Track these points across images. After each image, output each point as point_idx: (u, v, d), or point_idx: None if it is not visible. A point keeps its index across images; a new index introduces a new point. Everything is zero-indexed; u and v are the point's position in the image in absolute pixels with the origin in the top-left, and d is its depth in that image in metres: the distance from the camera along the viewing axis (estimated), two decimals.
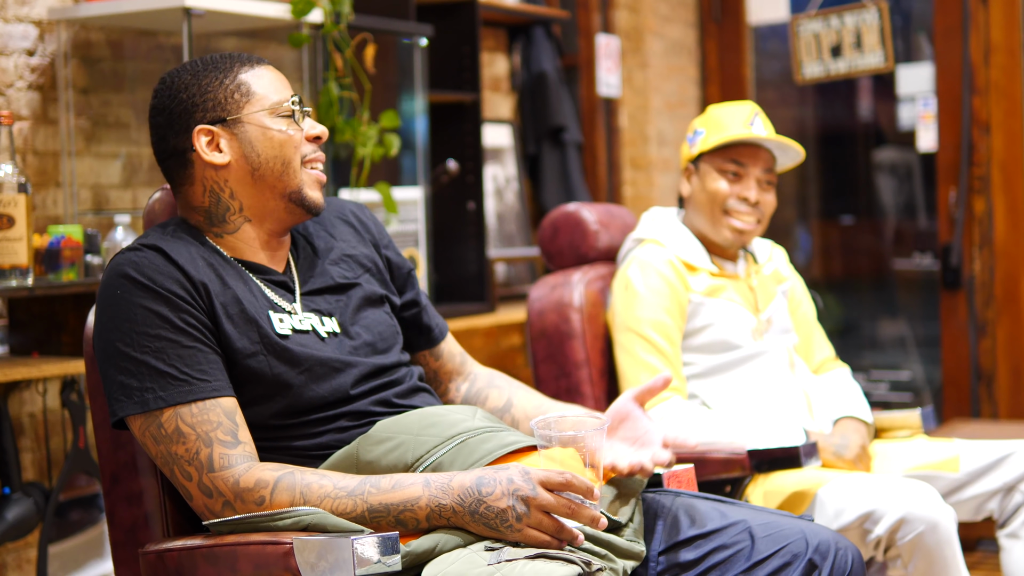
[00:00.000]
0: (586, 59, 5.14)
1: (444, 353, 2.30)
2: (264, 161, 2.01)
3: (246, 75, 2.02)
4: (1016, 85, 4.66)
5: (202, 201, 2.03)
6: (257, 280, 2.02)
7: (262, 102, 2.01)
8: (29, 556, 3.25)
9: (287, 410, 1.96)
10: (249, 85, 2.01)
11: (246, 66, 2.03)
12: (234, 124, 2.00)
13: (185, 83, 2.01)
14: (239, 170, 2.01)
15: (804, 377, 2.98)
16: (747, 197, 2.91)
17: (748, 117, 2.92)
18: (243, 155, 2.00)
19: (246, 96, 2.01)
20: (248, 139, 2.00)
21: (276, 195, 2.03)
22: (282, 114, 2.02)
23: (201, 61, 2.04)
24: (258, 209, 2.03)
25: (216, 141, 2.00)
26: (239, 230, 2.04)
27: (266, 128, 2.01)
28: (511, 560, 1.74)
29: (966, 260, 4.72)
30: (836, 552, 1.97)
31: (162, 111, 2.02)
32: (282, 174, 2.02)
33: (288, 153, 2.02)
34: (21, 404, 3.23)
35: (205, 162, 2.00)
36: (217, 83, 2.00)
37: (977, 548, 4.40)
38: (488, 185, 4.68)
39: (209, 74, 2.01)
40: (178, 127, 2.01)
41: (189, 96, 2.00)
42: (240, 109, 2.00)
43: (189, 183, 2.03)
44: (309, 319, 2.03)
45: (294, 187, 2.03)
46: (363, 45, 3.68)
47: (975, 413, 4.70)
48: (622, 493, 2.00)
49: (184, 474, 1.87)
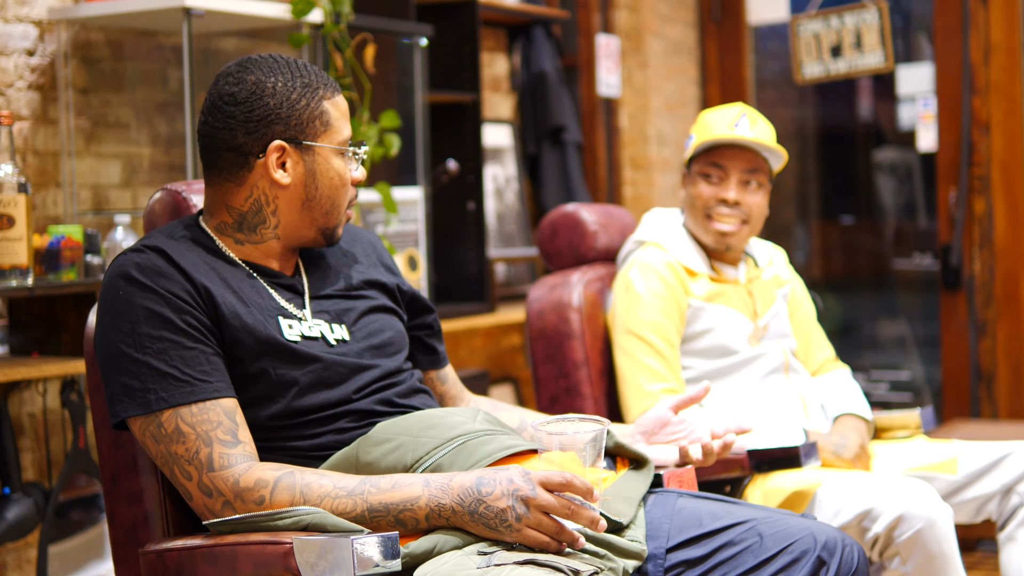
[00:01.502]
0: (586, 59, 5.14)
1: (449, 378, 2.33)
2: (320, 195, 2.02)
3: (328, 103, 2.01)
4: (1016, 85, 4.66)
5: (242, 204, 2.02)
6: (265, 283, 2.03)
7: (334, 136, 2.02)
8: (29, 556, 3.25)
9: (288, 411, 1.96)
10: (330, 115, 2.01)
11: (329, 91, 2.02)
12: (307, 150, 2.00)
13: (275, 88, 1.98)
14: (294, 194, 2.01)
15: (800, 381, 2.98)
16: (726, 198, 2.91)
17: (734, 119, 2.92)
18: (303, 183, 2.01)
19: (325, 126, 2.01)
20: (314, 170, 2.01)
21: (315, 226, 2.04)
22: (344, 153, 2.04)
23: (290, 67, 2.00)
24: (291, 231, 2.04)
25: (284, 160, 1.99)
26: (264, 243, 2.04)
27: (330, 164, 2.02)
28: (500, 565, 1.74)
29: (966, 260, 4.72)
30: (843, 549, 1.97)
31: (241, 104, 1.98)
32: (328, 211, 2.04)
33: (339, 195, 2.04)
34: (21, 404, 3.23)
35: (267, 175, 1.99)
36: (305, 103, 1.99)
37: (976, 549, 4.40)
38: (488, 185, 4.68)
39: (299, 89, 1.99)
40: (253, 129, 1.98)
41: (277, 104, 1.97)
42: (317, 137, 2.00)
43: (238, 183, 2.01)
44: (319, 326, 2.03)
45: (332, 224, 2.05)
46: (363, 45, 3.68)
47: (975, 413, 4.71)
48: (625, 495, 2.00)
49: (184, 474, 1.87)
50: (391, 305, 2.16)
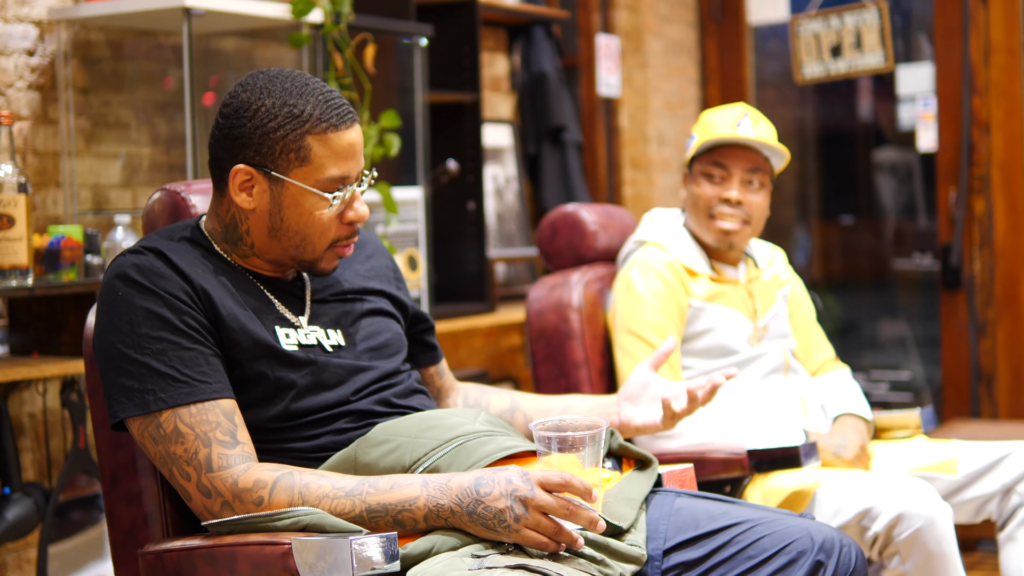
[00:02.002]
0: (586, 59, 5.14)
1: (445, 371, 2.33)
2: (285, 228, 1.98)
3: (316, 138, 1.94)
4: (1016, 85, 4.66)
5: (223, 215, 2.02)
6: (263, 288, 2.03)
7: (313, 173, 1.95)
8: (29, 556, 3.25)
9: (287, 413, 1.96)
10: (310, 151, 1.94)
11: (323, 127, 1.94)
12: (275, 180, 1.96)
13: (256, 112, 1.94)
14: (260, 220, 1.99)
15: (800, 381, 2.98)
16: (728, 197, 2.92)
17: (736, 118, 2.93)
18: (268, 212, 1.98)
19: (302, 161, 1.94)
20: (279, 201, 1.96)
21: (288, 256, 2.01)
22: (329, 191, 1.97)
23: (290, 93, 1.94)
24: (268, 254, 2.03)
25: (252, 184, 1.97)
26: (249, 257, 2.04)
27: (302, 200, 1.96)
28: (491, 568, 1.74)
29: (966, 260, 4.72)
30: (841, 550, 1.97)
31: (227, 118, 1.97)
32: (299, 245, 2.00)
33: (311, 232, 1.98)
34: (21, 404, 3.23)
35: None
36: (282, 134, 1.93)
37: (976, 549, 4.40)
38: (488, 185, 4.68)
39: (282, 118, 1.93)
40: (228, 146, 1.97)
41: (253, 128, 1.94)
42: (287, 170, 1.95)
43: (220, 194, 2.02)
44: (315, 332, 2.03)
45: (307, 258, 2.01)
46: (363, 45, 3.68)
47: (975, 413, 4.71)
48: (627, 496, 2.00)
49: (183, 474, 1.87)
50: (390, 309, 2.17)
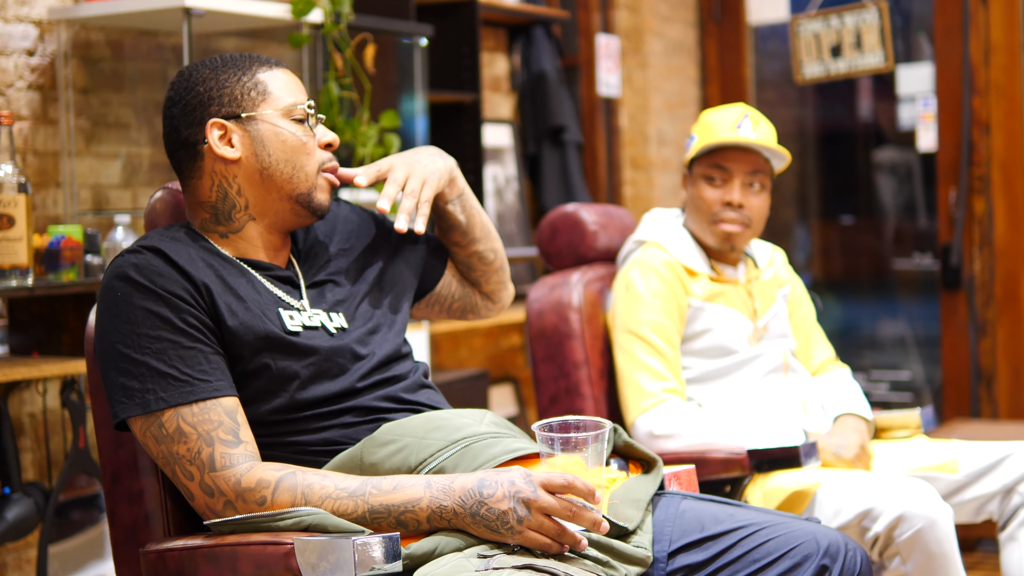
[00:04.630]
0: (586, 59, 5.14)
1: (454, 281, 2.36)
2: (274, 162, 2.02)
3: (264, 75, 2.03)
4: (1016, 85, 4.66)
5: (209, 196, 2.03)
6: (261, 277, 2.03)
7: (277, 103, 2.03)
8: (29, 556, 3.25)
9: (292, 405, 1.96)
10: (266, 84, 2.03)
11: (264, 67, 2.05)
12: (248, 121, 2.01)
13: (203, 77, 2.02)
14: (249, 167, 2.01)
15: (800, 381, 2.98)
16: (731, 200, 2.91)
17: (736, 120, 2.92)
18: (254, 153, 2.01)
19: (262, 95, 2.02)
20: (260, 138, 2.01)
21: (283, 196, 2.03)
22: (295, 117, 2.04)
23: (220, 58, 2.05)
24: (264, 208, 2.03)
25: (228, 136, 2.01)
26: (243, 228, 2.04)
27: (279, 129, 2.02)
28: (498, 568, 1.74)
29: (966, 260, 4.73)
30: (846, 554, 1.97)
31: (177, 102, 2.03)
32: (291, 176, 2.03)
33: (299, 157, 2.03)
34: (21, 404, 3.23)
35: (216, 155, 2.00)
36: (235, 79, 2.02)
37: (977, 548, 4.40)
38: (488, 185, 4.68)
39: (228, 70, 2.03)
40: (191, 119, 2.01)
41: (206, 89, 2.01)
42: (255, 107, 2.02)
43: (198, 176, 2.03)
44: (318, 315, 2.04)
45: (303, 190, 2.04)
46: (363, 45, 3.68)
47: (975, 413, 4.71)
48: (633, 497, 2.00)
49: (186, 474, 1.87)
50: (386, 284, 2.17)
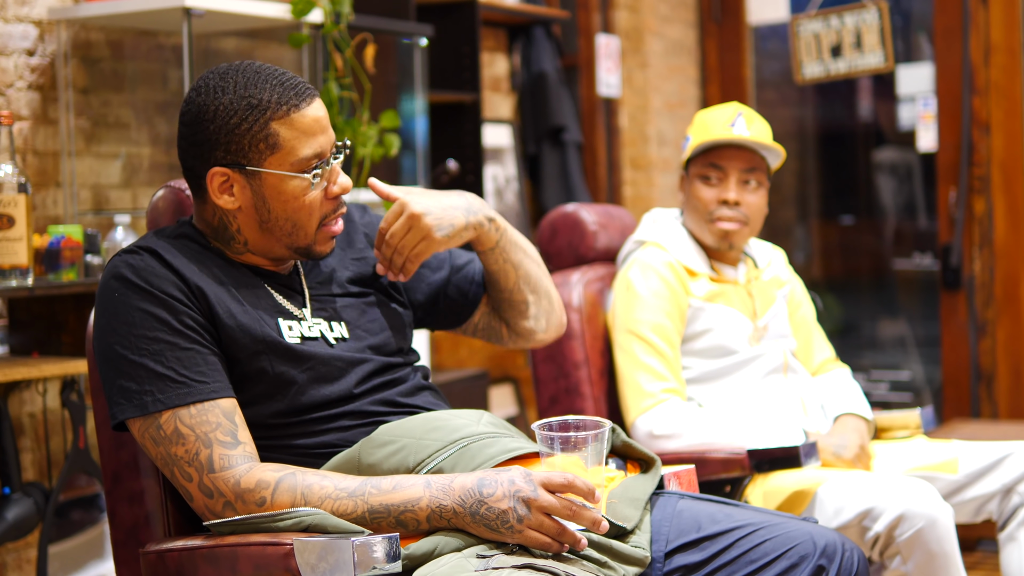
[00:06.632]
0: (586, 59, 5.14)
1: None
2: (274, 218, 1.97)
3: (280, 123, 1.92)
4: (1016, 85, 4.66)
5: (211, 219, 2.01)
6: (263, 283, 2.02)
7: (286, 156, 1.93)
8: (29, 556, 3.25)
9: (289, 409, 1.96)
10: (278, 137, 1.92)
11: (283, 109, 1.92)
12: (252, 175, 1.95)
13: (216, 112, 1.92)
14: (248, 217, 1.98)
15: (800, 381, 2.98)
16: (726, 198, 2.91)
17: (729, 118, 2.92)
18: (254, 207, 1.97)
19: (271, 148, 1.93)
20: (262, 194, 1.95)
21: (283, 245, 2.01)
22: (306, 170, 1.96)
23: (244, 85, 1.92)
24: (262, 248, 2.02)
25: (230, 184, 1.95)
26: (244, 254, 2.03)
27: (283, 187, 1.95)
28: (497, 568, 1.74)
29: (966, 260, 4.73)
30: (843, 554, 1.97)
31: (188, 125, 1.96)
32: (291, 232, 1.99)
33: (300, 216, 1.97)
34: (21, 404, 3.23)
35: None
36: (247, 127, 1.92)
37: (977, 548, 4.40)
38: (488, 185, 4.68)
39: (242, 112, 1.91)
40: (198, 153, 1.96)
41: (216, 129, 1.93)
42: (261, 161, 1.94)
43: (202, 200, 2.00)
44: (318, 325, 2.03)
45: (301, 245, 2.00)
46: (363, 45, 3.68)
47: (975, 413, 4.71)
48: (631, 496, 2.00)
49: (184, 475, 1.87)
50: (387, 292, 2.16)
